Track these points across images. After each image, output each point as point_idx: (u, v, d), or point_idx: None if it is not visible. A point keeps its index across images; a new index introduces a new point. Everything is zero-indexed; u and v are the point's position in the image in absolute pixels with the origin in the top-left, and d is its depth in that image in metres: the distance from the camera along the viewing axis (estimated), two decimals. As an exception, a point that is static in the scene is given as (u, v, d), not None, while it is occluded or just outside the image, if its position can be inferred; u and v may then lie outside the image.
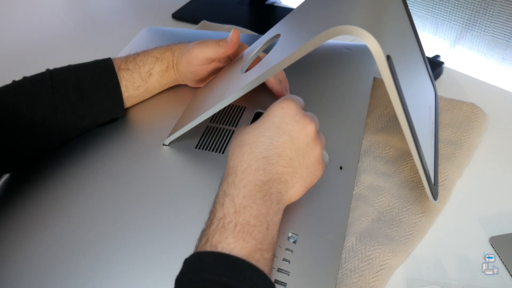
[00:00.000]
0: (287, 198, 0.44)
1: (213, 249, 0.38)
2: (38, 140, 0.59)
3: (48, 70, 0.61)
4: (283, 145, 0.44)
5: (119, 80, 0.62)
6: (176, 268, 0.47)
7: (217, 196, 0.43)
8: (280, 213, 0.42)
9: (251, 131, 0.45)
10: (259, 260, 0.38)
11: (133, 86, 0.64)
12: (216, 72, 0.67)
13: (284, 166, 0.43)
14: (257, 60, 0.61)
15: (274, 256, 0.40)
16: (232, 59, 0.67)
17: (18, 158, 0.58)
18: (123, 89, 0.63)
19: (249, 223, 0.39)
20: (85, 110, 0.61)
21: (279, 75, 0.65)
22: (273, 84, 0.63)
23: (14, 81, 0.59)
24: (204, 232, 0.41)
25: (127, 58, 0.65)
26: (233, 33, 0.60)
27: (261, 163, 0.42)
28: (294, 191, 0.44)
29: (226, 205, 0.41)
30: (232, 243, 0.38)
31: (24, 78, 0.60)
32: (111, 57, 0.64)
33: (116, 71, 0.62)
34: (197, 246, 0.41)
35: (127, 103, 0.65)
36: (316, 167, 0.46)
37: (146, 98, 0.68)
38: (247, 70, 0.56)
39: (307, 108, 0.67)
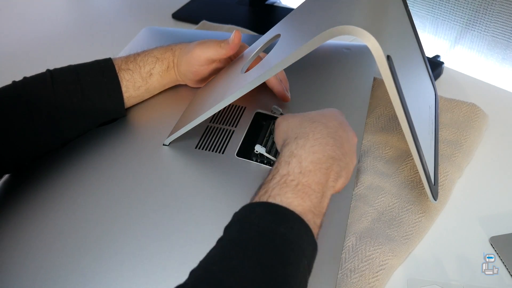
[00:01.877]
0: (336, 184, 0.45)
1: (271, 200, 0.40)
2: (39, 140, 0.59)
3: (48, 70, 0.61)
4: (342, 139, 0.46)
5: (120, 81, 0.62)
6: (176, 267, 0.48)
7: (282, 155, 0.44)
8: (331, 192, 0.44)
9: (319, 114, 0.48)
10: (310, 221, 0.39)
11: (133, 87, 0.64)
12: (216, 72, 0.67)
13: (343, 154, 0.45)
14: (257, 60, 0.61)
15: (321, 225, 0.42)
16: (233, 60, 0.67)
17: (18, 158, 0.58)
18: (123, 89, 0.63)
19: (310, 186, 0.41)
20: (86, 110, 0.61)
21: (279, 75, 0.65)
22: (274, 83, 0.63)
23: (14, 82, 0.59)
24: (264, 185, 0.42)
25: (127, 58, 0.64)
26: (235, 35, 0.60)
27: (331, 140, 0.44)
28: (341, 182, 0.46)
29: (292, 164, 0.42)
30: (291, 197, 0.40)
31: (24, 78, 0.60)
32: (112, 57, 0.64)
33: (117, 72, 0.62)
34: (253, 198, 0.42)
35: (128, 103, 0.65)
36: (350, 174, 0.47)
37: (146, 98, 0.68)
38: (247, 70, 0.56)
39: (307, 107, 0.67)
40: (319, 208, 0.41)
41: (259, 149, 0.57)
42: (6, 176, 0.60)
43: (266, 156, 0.57)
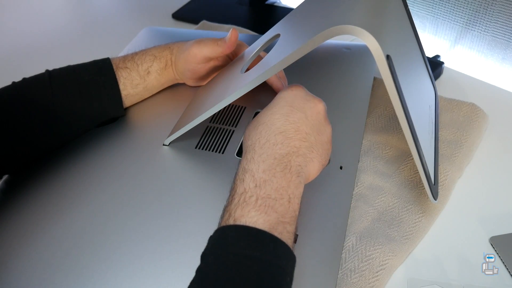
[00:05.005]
0: (306, 172, 0.44)
1: (236, 223, 0.39)
2: (38, 141, 0.59)
3: (47, 71, 0.61)
4: (299, 121, 0.45)
5: (117, 79, 0.62)
6: (176, 266, 0.48)
7: (236, 174, 0.44)
8: (301, 187, 0.43)
9: (264, 112, 0.47)
10: (282, 233, 0.39)
11: (131, 84, 0.64)
12: (214, 71, 0.67)
13: (301, 140, 0.44)
14: (257, 60, 0.61)
15: (296, 229, 0.41)
16: (231, 58, 0.67)
17: (18, 158, 0.58)
18: (121, 87, 0.63)
19: (270, 196, 0.40)
20: (84, 109, 0.61)
21: (278, 72, 0.65)
22: (273, 80, 0.63)
23: (13, 83, 0.59)
24: (226, 208, 0.41)
25: (125, 57, 0.65)
26: (232, 33, 0.60)
27: (279, 137, 0.43)
28: (313, 166, 0.45)
29: (246, 180, 0.42)
30: (255, 216, 0.39)
31: (24, 79, 0.60)
32: (110, 57, 0.64)
33: (115, 70, 0.62)
34: (219, 223, 0.41)
35: (126, 101, 0.65)
36: (328, 146, 0.46)
37: (145, 97, 0.68)
38: (247, 70, 0.56)
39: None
40: (289, 213, 0.40)
41: None
42: (6, 176, 0.60)
43: None
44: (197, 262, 0.38)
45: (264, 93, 0.66)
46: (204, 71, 0.66)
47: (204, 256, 0.39)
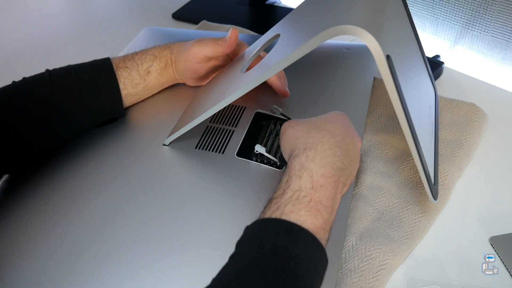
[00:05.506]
0: (342, 194, 0.45)
1: (285, 217, 0.39)
2: (38, 140, 0.59)
3: (47, 70, 0.61)
4: (348, 146, 0.46)
5: (118, 78, 0.62)
6: (176, 266, 0.48)
7: (291, 167, 0.44)
8: (338, 204, 0.44)
9: (325, 120, 0.48)
10: (322, 239, 0.40)
11: (131, 84, 0.64)
12: (214, 71, 0.67)
13: (349, 163, 0.45)
14: (257, 60, 0.61)
15: (329, 238, 0.42)
16: (231, 58, 0.67)
17: (18, 159, 0.58)
18: (121, 86, 0.63)
19: (322, 202, 0.41)
20: (84, 108, 0.61)
21: (278, 72, 0.65)
22: (273, 79, 0.63)
23: (13, 82, 0.59)
24: (275, 200, 0.42)
25: (125, 57, 0.65)
26: (232, 32, 0.60)
27: (338, 151, 0.44)
28: (345, 190, 0.46)
29: (303, 179, 0.42)
30: (304, 215, 0.39)
31: (24, 78, 0.60)
32: (110, 57, 0.64)
33: (115, 70, 0.62)
34: (263, 212, 0.42)
35: (126, 101, 0.65)
36: (352, 180, 0.47)
37: (145, 97, 0.68)
38: (247, 70, 0.56)
39: (308, 107, 0.67)
40: (329, 223, 0.41)
41: (259, 149, 0.57)
42: (6, 176, 0.60)
43: (266, 156, 0.57)
44: (197, 262, 0.38)
45: (264, 93, 0.66)
46: (204, 71, 0.66)
47: (240, 244, 0.39)
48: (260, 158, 0.58)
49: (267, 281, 0.35)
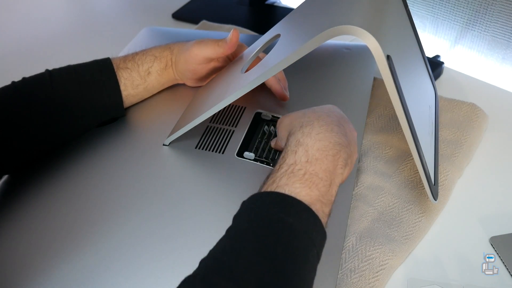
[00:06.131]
0: (344, 171, 0.45)
1: (279, 190, 0.40)
2: (38, 140, 0.59)
3: (47, 70, 0.61)
4: (345, 129, 0.46)
5: (118, 79, 0.62)
6: (176, 267, 0.48)
7: (289, 143, 0.45)
8: (341, 178, 0.44)
9: (319, 107, 0.49)
10: (318, 211, 0.40)
11: (132, 85, 0.64)
12: (214, 71, 0.67)
13: (348, 142, 0.45)
14: (257, 60, 0.61)
15: (330, 213, 0.42)
16: (231, 59, 0.67)
17: (18, 158, 0.58)
18: (122, 87, 0.63)
19: (317, 175, 0.41)
20: (84, 109, 0.61)
21: (278, 74, 0.65)
22: (272, 83, 0.63)
23: (13, 82, 0.59)
24: (271, 175, 0.43)
25: (126, 58, 0.65)
26: (233, 34, 0.60)
27: (335, 128, 0.45)
28: (347, 170, 0.46)
29: (298, 153, 0.43)
30: (298, 187, 0.40)
31: (24, 78, 0.60)
32: (110, 57, 0.64)
33: (115, 70, 0.62)
34: (261, 187, 0.42)
35: (127, 102, 0.65)
36: (353, 164, 0.48)
37: (145, 97, 0.68)
38: (247, 70, 0.56)
39: (307, 107, 0.67)
40: (328, 196, 0.42)
41: (247, 155, 0.58)
42: (6, 176, 0.60)
43: (259, 159, 0.58)
44: (197, 262, 0.38)
45: (264, 93, 0.66)
46: (205, 72, 0.66)
47: (236, 218, 0.40)
48: (260, 159, 0.58)
49: (260, 250, 0.36)
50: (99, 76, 0.61)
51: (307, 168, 0.41)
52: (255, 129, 0.63)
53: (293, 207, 0.39)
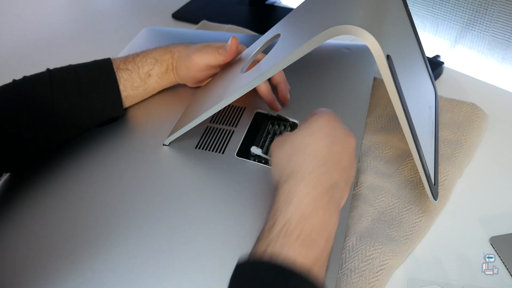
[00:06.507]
0: (341, 202, 0.43)
1: (276, 256, 0.38)
2: (37, 140, 0.59)
3: (47, 69, 0.61)
4: (338, 155, 0.43)
5: (118, 80, 0.62)
6: (175, 266, 0.48)
7: (278, 197, 0.42)
8: (337, 220, 0.42)
9: (306, 135, 0.44)
10: (319, 271, 0.38)
11: (131, 86, 0.64)
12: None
13: (341, 173, 0.43)
14: (257, 60, 0.61)
15: (329, 258, 0.41)
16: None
17: (18, 158, 0.58)
18: (121, 88, 0.63)
19: (311, 234, 0.39)
20: (84, 109, 0.61)
21: (278, 76, 0.64)
22: (265, 93, 0.62)
23: (14, 80, 0.59)
24: (265, 232, 0.40)
25: (126, 59, 0.65)
26: (232, 41, 0.60)
27: (324, 168, 0.42)
28: (344, 200, 0.44)
29: (291, 209, 0.40)
30: (296, 250, 0.38)
31: (24, 77, 0.60)
32: (111, 57, 0.64)
33: (115, 71, 0.62)
34: (257, 246, 0.40)
35: (126, 102, 0.65)
36: (350, 185, 0.45)
37: (145, 98, 0.68)
38: (247, 70, 0.56)
39: (307, 107, 0.67)
40: (326, 251, 0.40)
41: (255, 150, 0.57)
42: (6, 176, 0.60)
43: (263, 157, 0.57)
44: (197, 261, 0.38)
45: (264, 93, 0.66)
46: (206, 77, 0.66)
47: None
48: (259, 159, 0.58)
49: None
50: (98, 77, 0.61)
51: (301, 226, 0.39)
52: (259, 126, 0.63)
53: (292, 279, 0.36)
